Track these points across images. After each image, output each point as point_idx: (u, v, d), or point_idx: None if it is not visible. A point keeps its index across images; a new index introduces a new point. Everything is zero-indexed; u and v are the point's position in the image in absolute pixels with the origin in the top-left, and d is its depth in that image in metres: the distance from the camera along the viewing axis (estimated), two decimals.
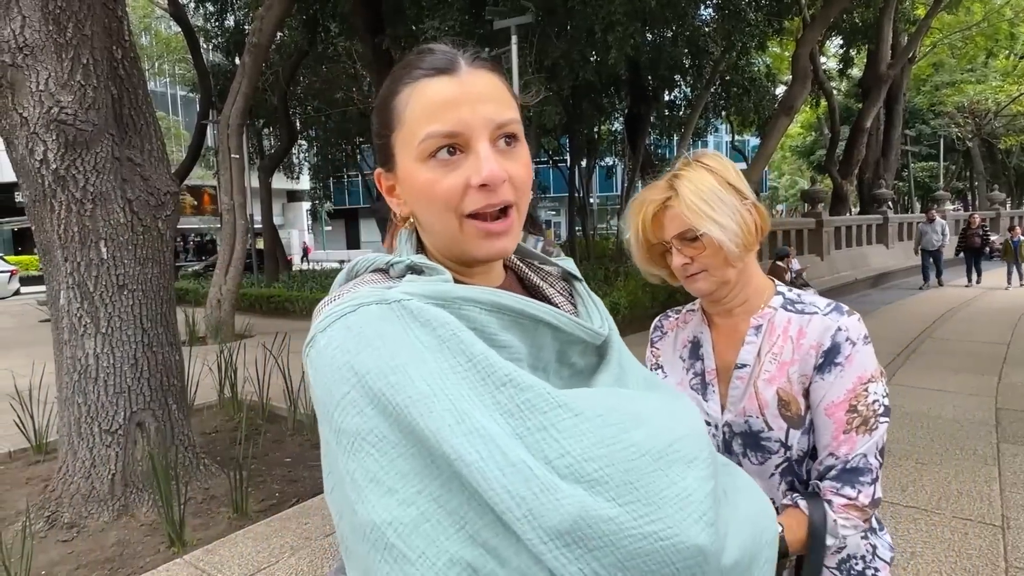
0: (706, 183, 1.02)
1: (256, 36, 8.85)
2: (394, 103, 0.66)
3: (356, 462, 0.55)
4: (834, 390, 0.99)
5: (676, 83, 17.26)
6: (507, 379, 0.56)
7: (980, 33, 20.86)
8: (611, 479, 0.54)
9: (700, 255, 1.04)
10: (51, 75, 2.95)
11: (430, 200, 0.64)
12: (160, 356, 3.46)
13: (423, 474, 0.53)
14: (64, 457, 3.33)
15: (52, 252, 3.21)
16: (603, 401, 0.61)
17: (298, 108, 19.49)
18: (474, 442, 0.52)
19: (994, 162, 31.44)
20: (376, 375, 0.55)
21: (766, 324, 1.06)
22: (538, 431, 0.54)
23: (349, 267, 0.71)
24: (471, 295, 0.62)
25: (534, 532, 0.51)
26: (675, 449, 0.59)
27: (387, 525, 0.52)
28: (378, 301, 0.60)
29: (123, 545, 3.00)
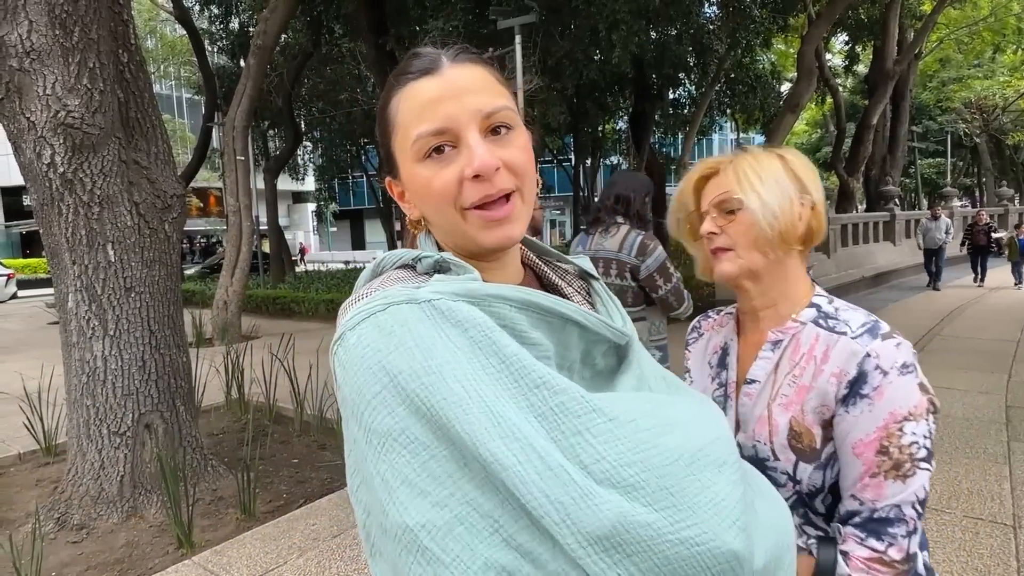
0: (767, 162, 0.96)
1: (260, 38, 8.87)
2: (388, 111, 0.69)
3: (387, 463, 0.55)
4: (861, 427, 0.87)
5: (680, 81, 17.22)
6: (541, 381, 0.56)
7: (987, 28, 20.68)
8: (647, 484, 0.54)
9: (732, 227, 0.96)
10: (58, 79, 2.96)
11: (430, 197, 0.65)
12: (167, 358, 3.47)
13: (456, 476, 0.53)
14: (73, 459, 3.34)
15: (60, 255, 3.22)
16: (634, 406, 0.60)
17: (303, 109, 19.55)
18: (511, 445, 0.52)
19: (1002, 158, 31.21)
20: (409, 376, 0.55)
21: (788, 340, 0.96)
22: (573, 435, 0.54)
23: (375, 263, 0.71)
24: (501, 292, 0.62)
25: (573, 537, 0.51)
26: (705, 454, 0.59)
27: (420, 527, 0.52)
28: (408, 300, 0.59)
29: (132, 546, 3.01)
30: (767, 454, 0.94)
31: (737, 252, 0.96)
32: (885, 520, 0.85)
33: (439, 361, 0.55)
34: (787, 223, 0.94)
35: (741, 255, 0.96)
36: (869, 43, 16.79)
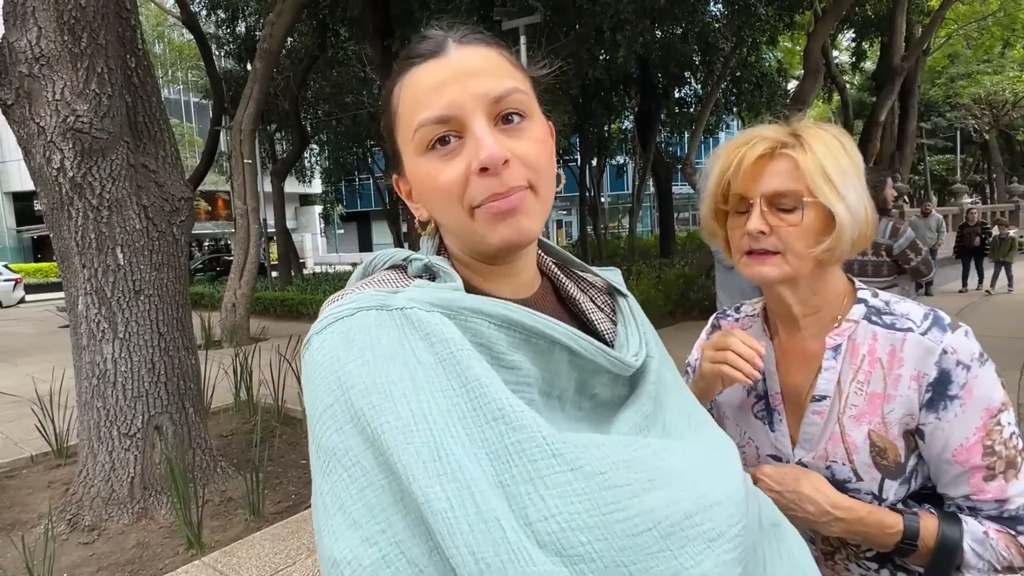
0: (841, 152, 0.82)
1: (267, 42, 8.92)
2: (392, 100, 0.62)
3: (328, 484, 0.50)
4: (958, 431, 0.78)
5: (686, 80, 17.17)
6: (500, 414, 0.49)
7: (996, 23, 20.49)
8: (600, 557, 0.45)
9: (785, 229, 0.81)
10: (67, 84, 2.99)
11: (435, 194, 0.59)
12: (176, 360, 3.50)
13: (390, 511, 0.47)
14: (84, 461, 3.37)
15: (70, 259, 3.25)
16: (611, 454, 0.51)
17: (309, 112, 19.63)
18: (447, 487, 0.45)
19: (1012, 154, 30.92)
20: (360, 390, 0.50)
21: (846, 343, 0.85)
22: (524, 482, 0.47)
23: (367, 262, 0.67)
24: (480, 306, 0.55)
25: None
26: (696, 523, 0.49)
27: (346, 564, 0.47)
28: (379, 307, 0.55)
29: (143, 547, 3.03)
30: (847, 475, 0.83)
31: (786, 258, 0.82)
32: (1016, 518, 0.78)
33: (393, 377, 0.50)
34: (863, 232, 0.82)
35: (790, 262, 0.82)
36: (876, 39, 16.68)
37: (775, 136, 0.83)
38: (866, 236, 0.83)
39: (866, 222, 0.82)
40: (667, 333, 8.61)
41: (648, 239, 26.53)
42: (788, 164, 0.81)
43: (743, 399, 0.94)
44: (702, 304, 10.19)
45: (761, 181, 0.82)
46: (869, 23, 15.72)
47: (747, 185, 0.83)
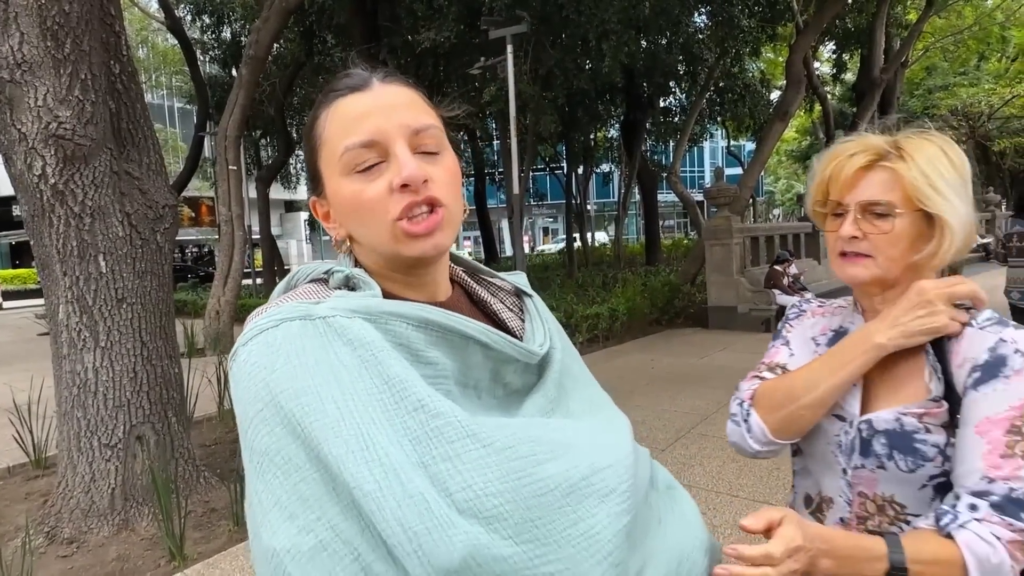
0: (944, 162, 0.84)
1: (253, 48, 8.89)
2: (316, 128, 0.68)
3: (263, 483, 0.54)
4: (992, 404, 0.78)
5: (671, 90, 17.36)
6: (419, 404, 0.55)
7: (972, 36, 21.01)
8: (511, 516, 0.52)
9: (878, 236, 0.84)
10: (49, 90, 2.96)
11: (358, 210, 0.64)
12: (159, 369, 3.45)
13: (323, 500, 0.52)
14: (63, 472, 3.31)
15: (51, 266, 3.21)
16: (518, 432, 0.58)
17: (295, 119, 19.54)
18: (374, 470, 0.51)
19: (988, 164, 31.60)
20: (289, 395, 0.55)
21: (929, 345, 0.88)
22: (443, 461, 0.53)
23: (289, 277, 0.71)
24: (398, 310, 0.61)
25: (422, 568, 0.49)
26: (591, 483, 0.57)
27: (286, 552, 0.51)
28: (302, 317, 0.59)
29: (123, 560, 2.98)
30: (916, 426, 0.84)
31: (876, 261, 0.86)
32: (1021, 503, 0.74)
33: (319, 381, 0.55)
34: (965, 244, 0.84)
35: (880, 264, 0.86)
36: (856, 52, 17.00)
37: (876, 147, 0.87)
38: (968, 244, 0.85)
39: (972, 231, 0.85)
40: (653, 340, 8.66)
41: (634, 247, 26.70)
42: (886, 175, 0.85)
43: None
44: (687, 311, 10.27)
45: (857, 190, 0.87)
46: (849, 35, 16.03)
47: (843, 193, 0.88)
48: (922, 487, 0.85)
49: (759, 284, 9.04)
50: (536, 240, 43.44)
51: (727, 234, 9.39)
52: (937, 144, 0.87)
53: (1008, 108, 25.33)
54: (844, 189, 0.88)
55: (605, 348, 8.08)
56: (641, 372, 6.57)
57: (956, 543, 0.74)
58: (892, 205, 0.84)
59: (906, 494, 0.85)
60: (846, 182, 0.87)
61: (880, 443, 0.86)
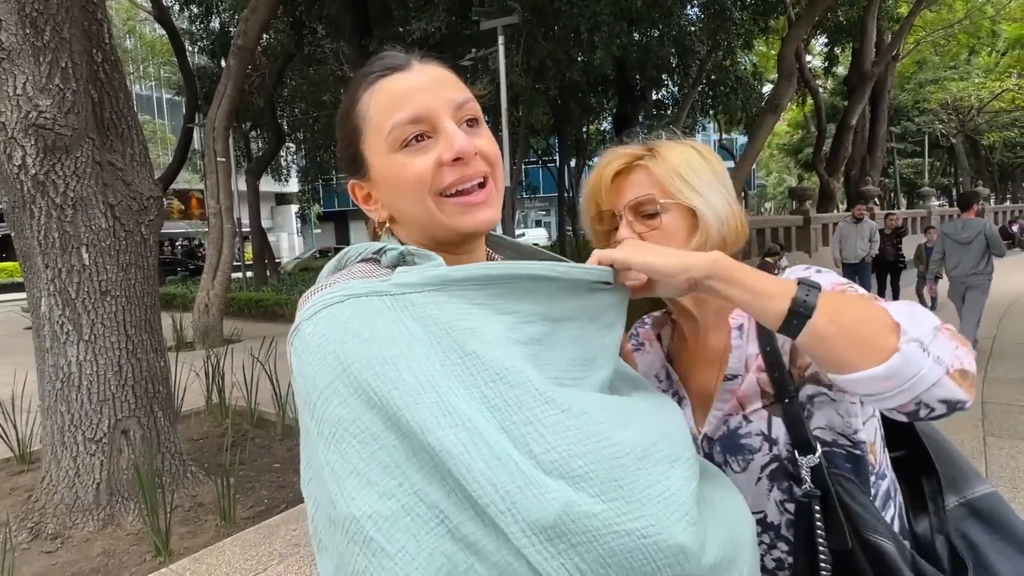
0: (693, 156, 0.87)
1: (241, 38, 8.78)
2: (356, 111, 0.68)
3: (337, 453, 0.54)
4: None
5: (663, 82, 17.35)
6: (496, 375, 0.56)
7: (962, 31, 21.10)
8: (596, 475, 0.53)
9: (651, 235, 0.84)
10: (28, 79, 2.90)
11: (405, 184, 0.65)
12: (145, 363, 3.41)
13: (404, 467, 0.53)
14: (47, 466, 3.27)
15: (32, 259, 3.16)
16: (590, 400, 0.60)
17: (285, 111, 19.38)
18: (459, 434, 0.52)
19: (978, 158, 31.82)
20: (362, 365, 0.55)
21: (747, 321, 0.87)
22: (525, 425, 0.54)
23: (339, 256, 0.71)
24: (469, 274, 0.61)
25: (517, 526, 0.50)
26: (659, 448, 0.59)
27: (367, 518, 0.51)
28: (369, 293, 0.59)
29: (108, 555, 2.95)
30: (738, 422, 0.84)
31: None
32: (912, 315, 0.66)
33: (394, 352, 0.55)
34: (731, 228, 0.86)
35: None
36: (848, 45, 17.04)
37: (630, 152, 0.89)
38: (738, 234, 0.87)
39: (734, 219, 0.86)
40: None
41: None
42: (643, 174, 0.87)
43: None
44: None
45: (623, 194, 0.87)
46: (841, 29, 16.05)
47: (612, 200, 0.89)
48: (758, 481, 0.83)
49: None
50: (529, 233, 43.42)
51: None
52: (688, 144, 0.89)
53: (997, 102, 25.51)
54: (610, 197, 0.89)
55: None
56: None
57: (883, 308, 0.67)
58: (654, 200, 0.84)
59: (751, 496, 0.81)
60: (609, 190, 0.88)
61: (717, 452, 0.87)
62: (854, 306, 0.66)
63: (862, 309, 0.66)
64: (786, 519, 0.82)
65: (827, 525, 0.76)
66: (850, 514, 0.76)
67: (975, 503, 0.85)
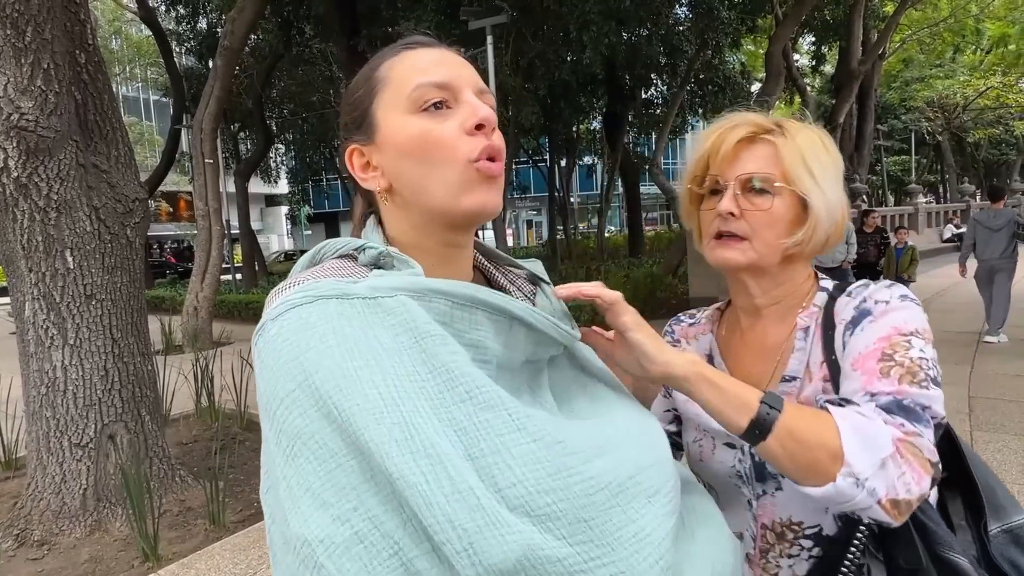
0: (819, 144, 0.82)
1: (228, 39, 8.72)
2: (375, 74, 0.66)
3: (293, 468, 0.51)
4: (862, 342, 0.75)
5: (652, 82, 17.38)
6: (467, 395, 0.53)
7: (947, 29, 21.29)
8: (564, 515, 0.50)
9: (754, 214, 0.80)
10: (10, 81, 2.87)
11: (426, 148, 0.61)
12: (131, 367, 3.38)
13: (361, 489, 0.49)
14: (33, 473, 3.24)
15: (16, 263, 3.12)
16: (565, 427, 0.57)
17: (274, 111, 19.28)
18: (420, 462, 0.48)
19: (964, 155, 32.16)
20: (325, 376, 0.51)
21: (814, 325, 0.84)
22: (492, 454, 0.51)
23: (314, 251, 0.67)
24: (444, 288, 0.58)
25: (473, 569, 0.46)
26: (637, 482, 0.56)
27: (318, 543, 0.48)
28: (339, 296, 0.56)
29: (96, 561, 2.92)
30: None
31: (753, 244, 0.81)
32: (910, 409, 0.69)
33: (359, 363, 0.52)
34: (836, 228, 0.82)
35: (756, 248, 0.81)
36: (835, 44, 17.16)
37: (759, 121, 0.83)
38: (838, 237, 0.83)
39: (841, 222, 0.82)
40: None
41: (617, 239, 26.80)
42: (768, 150, 0.81)
43: None
44: (670, 303, 10.33)
45: (737, 164, 0.82)
46: (828, 28, 16.16)
47: (723, 167, 0.83)
48: None
49: None
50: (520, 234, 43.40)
51: None
52: (814, 130, 0.85)
53: (982, 100, 25.77)
54: (724, 163, 0.82)
55: None
56: None
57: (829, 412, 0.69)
58: (771, 180, 0.80)
59: (802, 507, 0.82)
60: (727, 155, 0.82)
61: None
62: (808, 429, 0.67)
63: (814, 434, 0.67)
64: (843, 533, 0.79)
65: (895, 542, 0.74)
66: (924, 531, 0.74)
67: (1018, 531, 0.84)
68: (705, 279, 9.46)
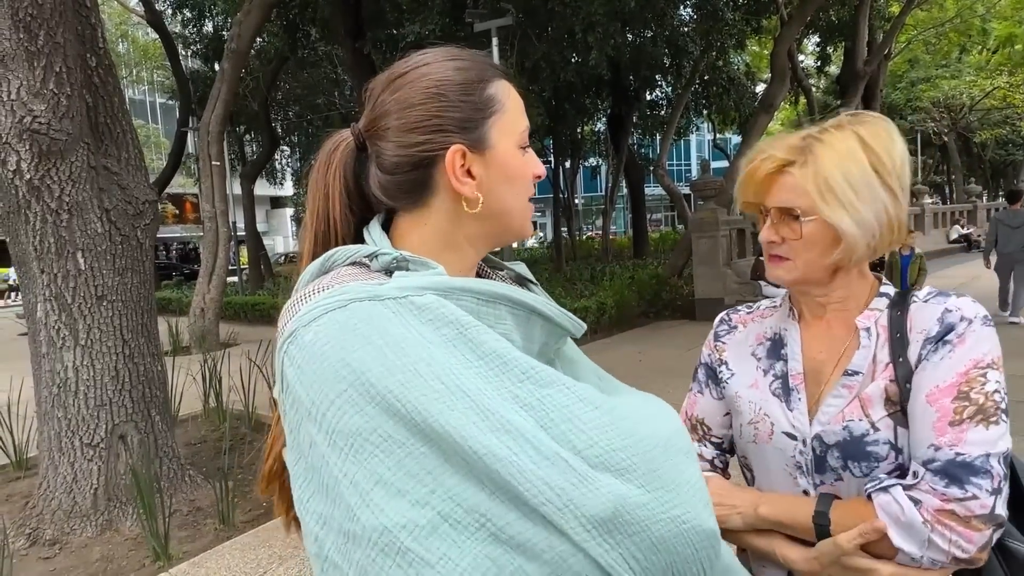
0: (853, 160, 0.82)
1: (235, 42, 8.77)
2: (490, 90, 0.68)
3: (356, 464, 0.52)
4: (938, 373, 0.79)
5: (657, 83, 17.39)
6: (524, 376, 0.56)
7: (953, 29, 21.21)
8: (638, 467, 0.55)
9: (793, 241, 0.86)
10: (23, 84, 2.90)
11: (522, 180, 0.70)
12: (142, 367, 3.41)
13: (436, 473, 0.52)
14: (45, 472, 3.26)
15: (28, 264, 3.15)
16: (609, 399, 0.62)
17: (279, 114, 19.36)
18: (502, 438, 0.52)
19: (970, 155, 32.00)
20: (380, 373, 0.53)
21: (875, 326, 0.87)
22: (563, 423, 0.55)
23: (323, 259, 0.66)
24: (468, 285, 0.61)
25: (576, 521, 0.51)
26: (675, 442, 0.61)
27: (400, 528, 0.50)
28: (372, 297, 0.57)
29: (107, 561, 2.94)
30: (864, 428, 0.84)
31: (795, 263, 0.87)
32: (969, 467, 0.74)
33: (412, 358, 0.54)
34: (884, 233, 0.84)
35: (800, 268, 0.87)
36: (840, 44, 17.10)
37: (782, 155, 0.87)
38: (890, 241, 0.85)
39: (888, 226, 0.84)
40: (640, 333, 8.68)
41: (621, 240, 26.76)
42: (792, 180, 0.85)
43: (756, 378, 0.97)
44: (675, 304, 10.31)
45: (771, 194, 0.88)
46: (833, 28, 16.12)
47: (761, 196, 0.90)
48: None
49: (746, 276, 9.09)
50: None
51: (713, 226, 9.43)
52: (855, 136, 0.84)
53: (989, 100, 25.65)
54: (760, 192, 0.90)
55: (593, 341, 8.09)
56: (629, 365, 6.59)
57: (872, 503, 0.79)
58: (794, 212, 0.85)
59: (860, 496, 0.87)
60: (759, 186, 0.89)
61: (834, 456, 0.86)
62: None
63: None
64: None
65: None
66: None
67: None
68: (710, 280, 9.44)
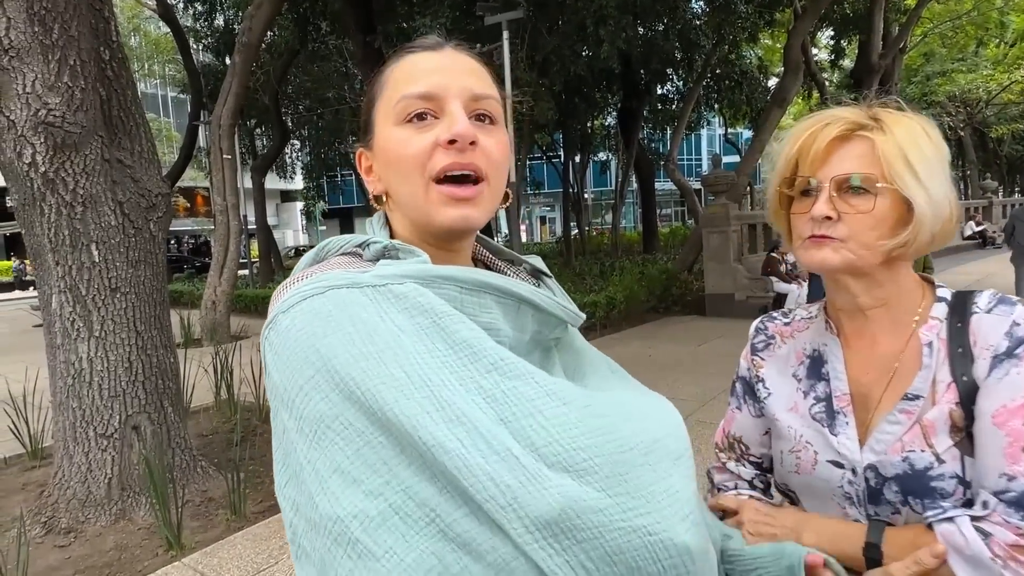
0: (922, 136, 0.76)
1: (246, 35, 8.79)
2: (381, 77, 0.68)
3: (319, 451, 0.51)
4: (1006, 391, 0.71)
5: (668, 77, 17.27)
6: (492, 367, 0.54)
7: (970, 22, 20.89)
8: (600, 469, 0.51)
9: (854, 216, 0.75)
10: (38, 77, 2.92)
11: (401, 161, 0.63)
12: (155, 359, 3.44)
13: (392, 464, 0.50)
14: (60, 462, 3.31)
15: (43, 256, 3.18)
16: (592, 395, 0.59)
17: (290, 107, 19.41)
18: (455, 430, 0.50)
19: (986, 151, 31.57)
20: (345, 360, 0.52)
21: (936, 340, 0.78)
22: (525, 417, 0.52)
23: (317, 248, 0.67)
24: (452, 274, 0.59)
25: (519, 521, 0.48)
26: (663, 445, 0.58)
27: (352, 518, 0.49)
28: (350, 284, 0.56)
29: (121, 549, 2.98)
30: (929, 461, 0.75)
31: (848, 245, 0.77)
32: None
33: (380, 346, 0.53)
34: (944, 225, 0.77)
35: (854, 250, 0.77)
36: (854, 38, 16.89)
37: (852, 117, 0.78)
38: (947, 233, 0.78)
39: (949, 217, 0.77)
40: (650, 328, 8.65)
41: (631, 235, 26.66)
42: (864, 147, 0.76)
43: (795, 401, 0.87)
44: (685, 299, 10.27)
45: (832, 164, 0.77)
46: (847, 21, 15.93)
47: (816, 168, 0.78)
48: None
49: (756, 271, 9.04)
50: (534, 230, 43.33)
51: (724, 222, 9.37)
52: (917, 120, 0.79)
53: (1006, 94, 25.27)
54: (816, 163, 0.78)
55: (603, 336, 8.08)
56: (639, 360, 6.57)
57: (934, 532, 0.72)
58: (873, 180, 0.75)
59: None
60: (818, 155, 0.77)
61: (892, 491, 0.77)
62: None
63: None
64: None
65: None
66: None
67: None
68: (720, 276, 9.40)
